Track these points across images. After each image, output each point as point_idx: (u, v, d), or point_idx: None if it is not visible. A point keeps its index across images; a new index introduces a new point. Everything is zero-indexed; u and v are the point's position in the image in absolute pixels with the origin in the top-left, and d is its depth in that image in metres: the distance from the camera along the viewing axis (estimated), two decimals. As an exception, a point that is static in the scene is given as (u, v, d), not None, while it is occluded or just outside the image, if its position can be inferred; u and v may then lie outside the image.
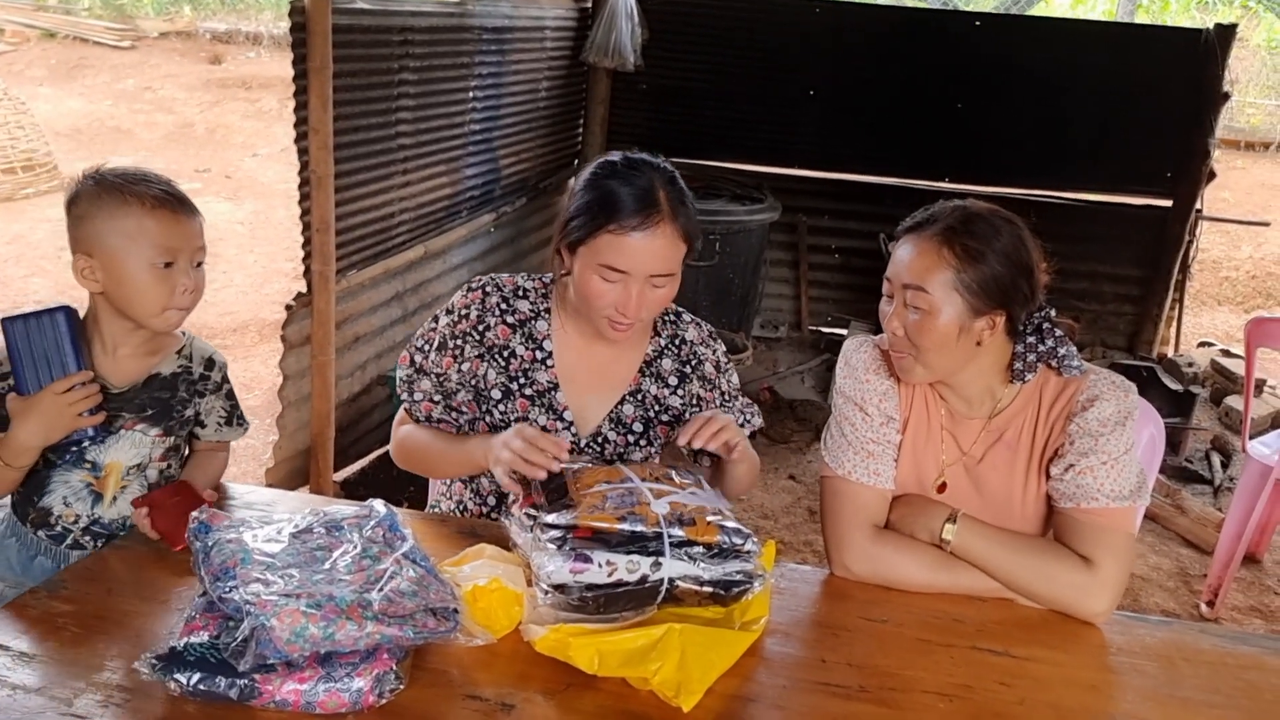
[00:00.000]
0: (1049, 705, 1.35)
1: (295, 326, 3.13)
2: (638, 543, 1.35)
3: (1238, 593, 3.49)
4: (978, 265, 1.54)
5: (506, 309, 1.76)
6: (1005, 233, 1.57)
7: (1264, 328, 3.25)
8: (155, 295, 1.55)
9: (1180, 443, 4.61)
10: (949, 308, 1.55)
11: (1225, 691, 1.43)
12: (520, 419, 1.73)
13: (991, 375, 1.66)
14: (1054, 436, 1.63)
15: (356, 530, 1.42)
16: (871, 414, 1.69)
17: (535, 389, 1.74)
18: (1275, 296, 7.43)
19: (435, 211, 3.90)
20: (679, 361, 1.81)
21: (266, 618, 1.19)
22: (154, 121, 9.89)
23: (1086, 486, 1.57)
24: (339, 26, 2.96)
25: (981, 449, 1.69)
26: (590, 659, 1.27)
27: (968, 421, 1.70)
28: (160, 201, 1.53)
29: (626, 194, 1.58)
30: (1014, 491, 1.67)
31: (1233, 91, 5.41)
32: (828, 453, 1.72)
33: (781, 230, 5.43)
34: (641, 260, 1.57)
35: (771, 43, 5.36)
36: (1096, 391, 1.60)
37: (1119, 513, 1.56)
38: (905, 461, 1.72)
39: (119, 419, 1.62)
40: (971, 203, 1.61)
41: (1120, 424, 1.58)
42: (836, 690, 1.34)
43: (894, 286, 1.61)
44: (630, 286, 1.59)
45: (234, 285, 6.00)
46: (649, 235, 1.57)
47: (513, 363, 1.74)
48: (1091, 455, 1.57)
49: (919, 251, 1.57)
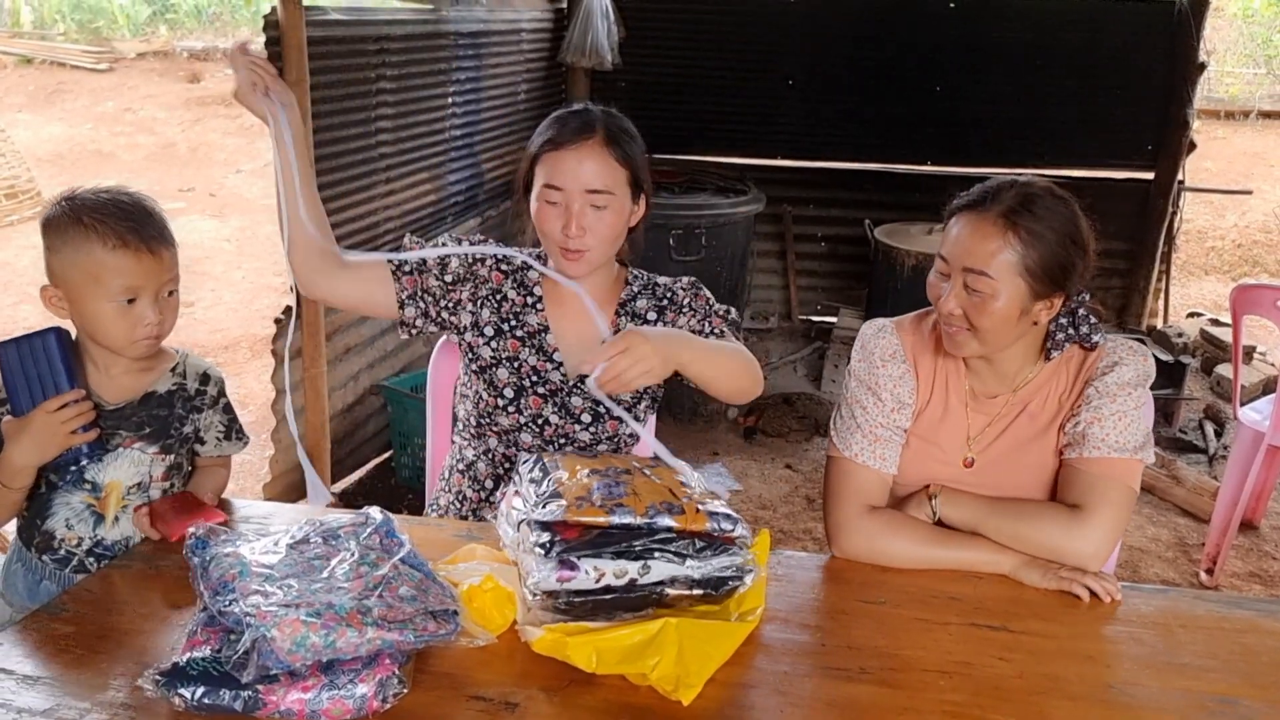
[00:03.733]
0: (1047, 677, 1.36)
1: (285, 340, 3.13)
2: (626, 539, 1.35)
3: (1236, 559, 3.51)
4: (1040, 248, 1.53)
5: (500, 259, 1.84)
6: (1064, 213, 1.57)
7: (1249, 295, 3.27)
8: (118, 330, 1.56)
9: (1173, 413, 4.63)
10: (1011, 290, 1.54)
11: (1222, 656, 1.44)
12: (511, 358, 1.81)
13: (1030, 351, 1.67)
14: (1072, 400, 1.66)
15: (353, 538, 1.43)
16: (884, 399, 1.70)
17: (526, 330, 1.82)
18: (1261, 264, 7.46)
19: (421, 218, 3.91)
20: (654, 299, 1.85)
21: (267, 629, 1.20)
22: (135, 143, 9.87)
23: (1091, 437, 1.59)
24: (314, 39, 2.96)
25: (1005, 423, 1.70)
26: (588, 658, 1.28)
27: (991, 399, 1.71)
28: (122, 240, 1.52)
29: (559, 120, 1.71)
30: (1038, 463, 1.68)
31: (1209, 62, 5.42)
32: (836, 434, 1.74)
33: (767, 221, 5.45)
34: (574, 174, 1.68)
35: (748, 34, 5.38)
36: (1116, 357, 1.63)
37: (1119, 463, 1.58)
38: (926, 441, 1.72)
39: (116, 437, 1.62)
40: (1030, 180, 1.60)
41: (1138, 385, 1.61)
42: (837, 673, 1.35)
43: (952, 267, 1.59)
44: (570, 205, 1.68)
45: (223, 303, 6.00)
46: (581, 150, 1.68)
47: (504, 305, 1.83)
48: (1102, 408, 1.59)
49: (981, 234, 1.55)
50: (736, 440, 4.39)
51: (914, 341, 1.75)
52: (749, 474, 4.07)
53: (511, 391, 1.81)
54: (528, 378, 1.81)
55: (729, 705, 1.28)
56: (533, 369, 1.81)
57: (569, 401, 1.82)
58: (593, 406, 1.82)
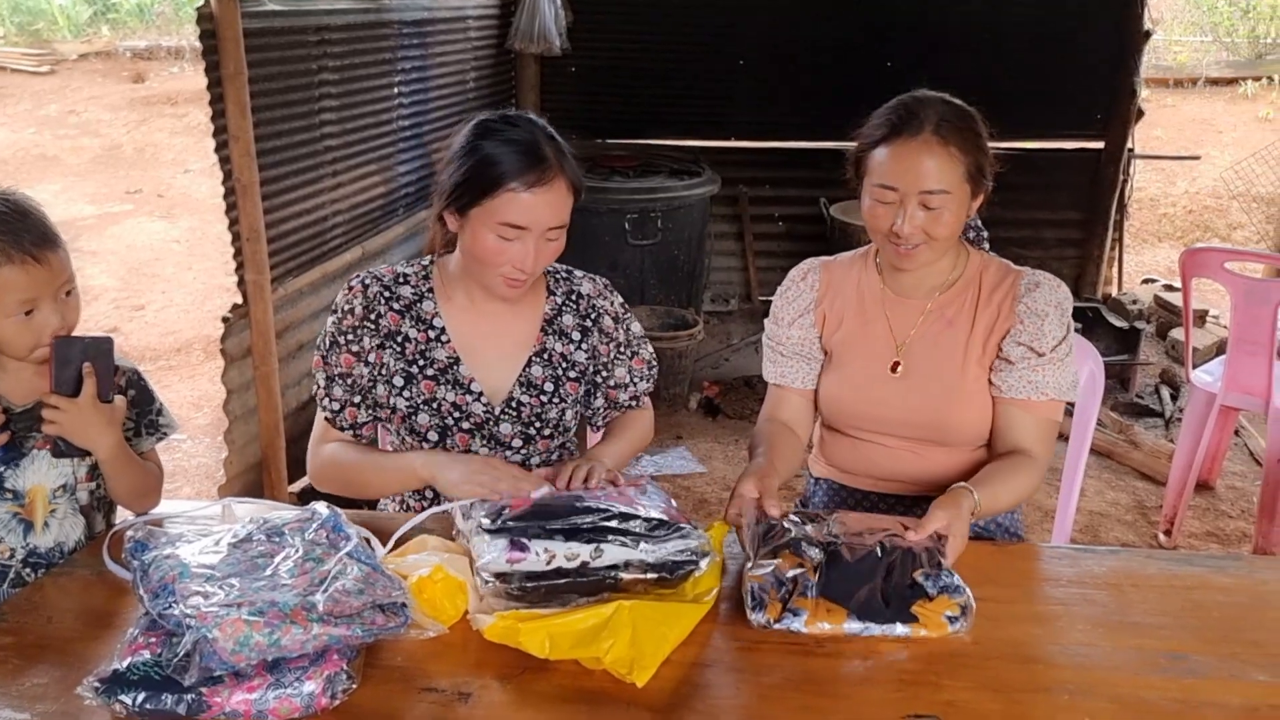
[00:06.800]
0: (1001, 640, 1.37)
1: (235, 339, 3.08)
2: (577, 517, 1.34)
3: (1194, 520, 3.56)
4: (972, 151, 1.65)
5: (390, 296, 1.76)
6: (968, 113, 1.69)
7: (1198, 258, 3.31)
8: (22, 342, 1.52)
9: (1130, 379, 4.68)
10: (961, 196, 1.66)
11: (1173, 613, 1.45)
12: (428, 401, 1.74)
13: (954, 249, 1.79)
14: (1000, 320, 1.74)
15: (299, 534, 1.40)
16: (781, 317, 1.88)
17: (437, 368, 1.74)
18: (1213, 229, 7.56)
19: (371, 211, 3.86)
20: (579, 316, 1.82)
21: (208, 630, 1.17)
22: (80, 146, 9.65)
23: (1038, 382, 1.71)
24: (250, 31, 2.90)
25: (926, 327, 1.79)
26: (541, 643, 1.26)
27: (908, 302, 1.80)
28: (6, 256, 1.46)
29: (516, 152, 1.62)
30: (958, 369, 1.77)
31: (1154, 30, 5.47)
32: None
33: (723, 203, 5.44)
34: (540, 215, 1.62)
35: (698, 15, 5.35)
36: (1037, 279, 1.76)
37: (1057, 405, 1.74)
38: (853, 354, 1.83)
39: (30, 439, 1.58)
40: (926, 93, 1.70)
41: (1062, 308, 1.73)
42: (793, 648, 1.35)
43: (904, 193, 1.64)
44: (528, 242, 1.63)
45: (175, 304, 5.90)
46: (545, 190, 1.62)
47: (408, 347, 1.74)
48: (1040, 343, 1.70)
49: (928, 155, 1.62)
50: (700, 422, 4.39)
51: (832, 265, 1.92)
52: (713, 456, 4.06)
53: (436, 434, 1.76)
54: (449, 416, 1.75)
55: (685, 685, 1.27)
56: (453, 405, 1.74)
57: (497, 431, 1.76)
58: (523, 430, 1.78)
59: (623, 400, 1.88)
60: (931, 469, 1.80)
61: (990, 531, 1.86)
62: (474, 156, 1.63)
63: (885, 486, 1.88)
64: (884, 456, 1.84)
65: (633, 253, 4.55)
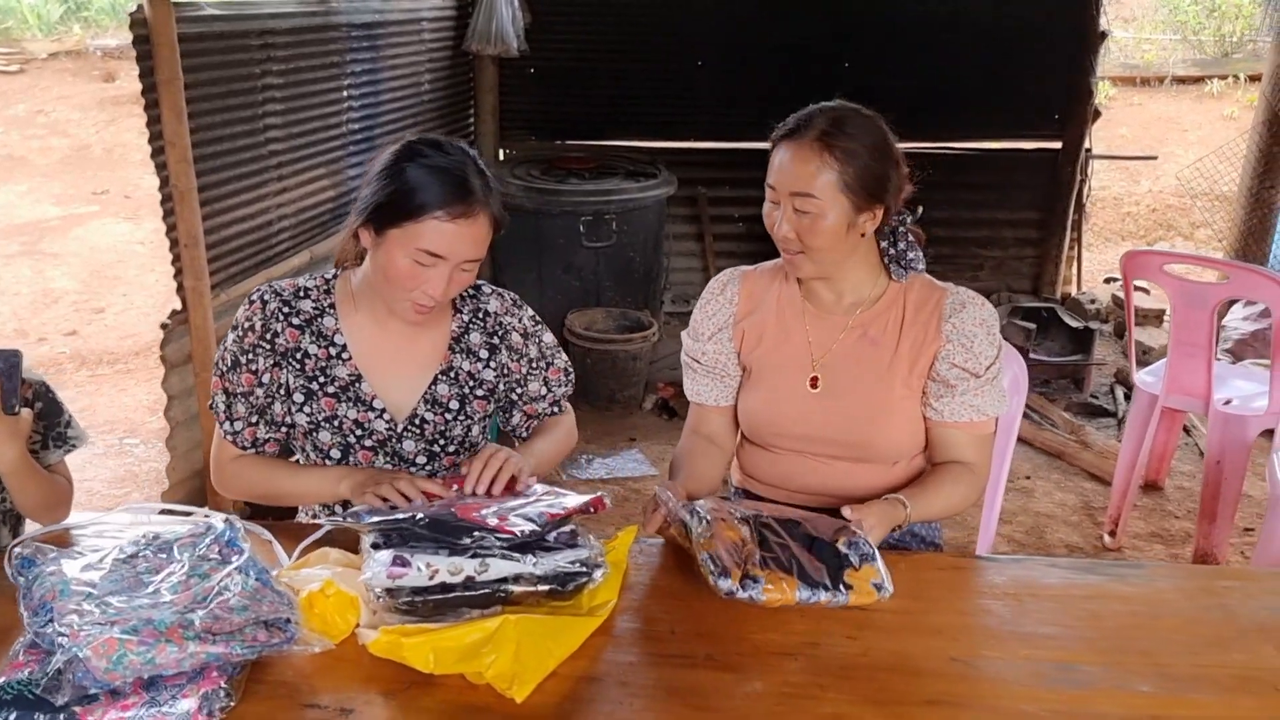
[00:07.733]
0: (892, 653, 1.38)
1: (175, 345, 3.06)
2: (462, 535, 1.34)
3: (1139, 520, 3.59)
4: (855, 164, 1.64)
5: (290, 311, 1.73)
6: (873, 129, 1.68)
7: (1138, 260, 3.32)
8: None
9: (1084, 379, 4.71)
10: (836, 208, 1.64)
11: (1066, 623, 1.46)
12: (329, 418, 1.72)
13: (865, 269, 1.78)
14: (928, 341, 1.74)
15: (188, 549, 1.40)
16: (700, 332, 1.88)
17: (337, 385, 1.73)
18: (1175, 228, 7.61)
19: (319, 215, 3.84)
20: (486, 334, 1.81)
21: (80, 649, 1.17)
22: (49, 146, 9.58)
23: (979, 405, 1.74)
24: (187, 35, 2.88)
25: (847, 343, 1.79)
26: (425, 658, 1.26)
27: (830, 317, 1.80)
28: None
29: (444, 181, 1.59)
30: (882, 387, 1.77)
31: (1110, 30, 5.51)
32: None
33: (683, 204, 5.44)
34: (460, 247, 1.60)
35: (656, 16, 5.35)
36: (962, 299, 1.76)
37: (991, 421, 1.78)
38: (773, 368, 1.82)
39: None
40: (840, 104, 1.70)
41: (988, 325, 1.74)
42: (682, 660, 1.35)
43: (780, 194, 1.68)
44: (443, 271, 1.61)
45: (135, 307, 5.86)
46: (468, 223, 1.60)
47: (307, 363, 1.72)
48: (975, 364, 1.72)
49: (802, 159, 1.64)
50: (656, 423, 4.39)
51: (753, 276, 1.89)
52: (666, 458, 4.04)
53: (338, 452, 1.74)
54: (351, 433, 1.73)
55: (568, 700, 1.27)
56: (355, 423, 1.72)
57: (400, 448, 1.75)
58: (427, 447, 1.77)
59: (541, 410, 1.88)
60: (850, 484, 1.80)
61: (906, 542, 1.87)
62: (400, 179, 1.60)
63: (802, 499, 1.86)
64: (804, 471, 1.84)
65: (587, 255, 4.55)
